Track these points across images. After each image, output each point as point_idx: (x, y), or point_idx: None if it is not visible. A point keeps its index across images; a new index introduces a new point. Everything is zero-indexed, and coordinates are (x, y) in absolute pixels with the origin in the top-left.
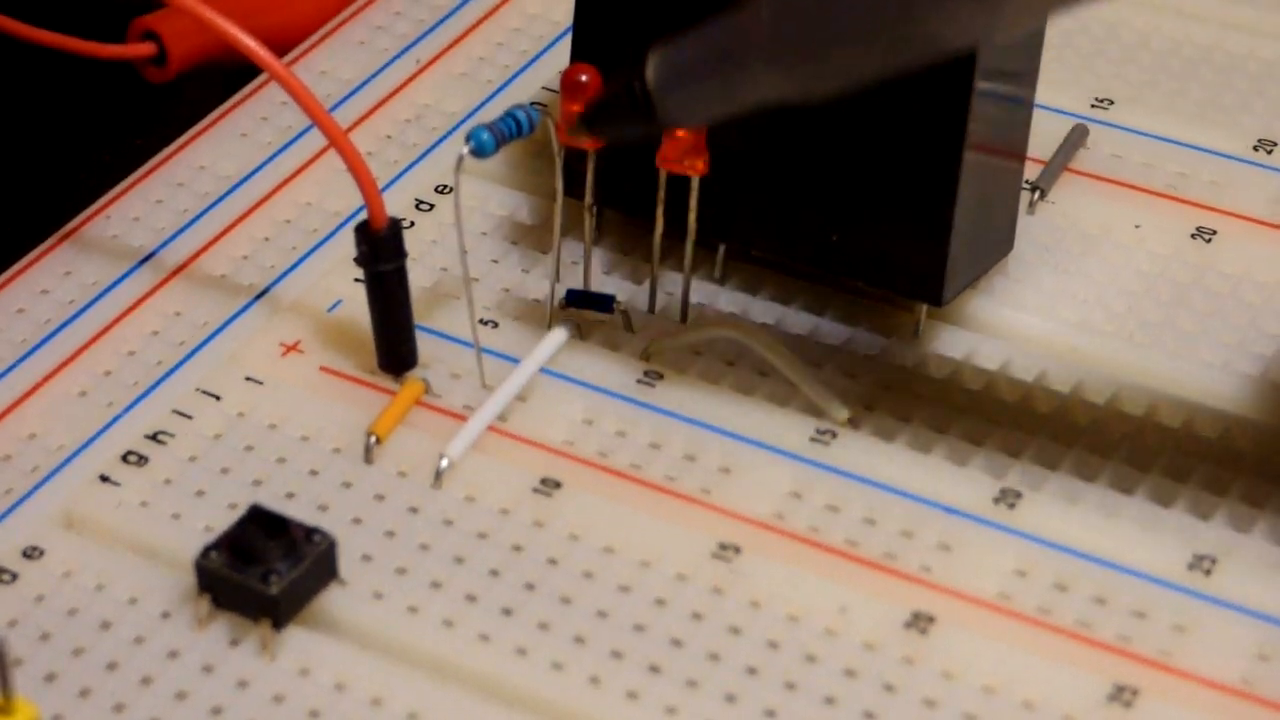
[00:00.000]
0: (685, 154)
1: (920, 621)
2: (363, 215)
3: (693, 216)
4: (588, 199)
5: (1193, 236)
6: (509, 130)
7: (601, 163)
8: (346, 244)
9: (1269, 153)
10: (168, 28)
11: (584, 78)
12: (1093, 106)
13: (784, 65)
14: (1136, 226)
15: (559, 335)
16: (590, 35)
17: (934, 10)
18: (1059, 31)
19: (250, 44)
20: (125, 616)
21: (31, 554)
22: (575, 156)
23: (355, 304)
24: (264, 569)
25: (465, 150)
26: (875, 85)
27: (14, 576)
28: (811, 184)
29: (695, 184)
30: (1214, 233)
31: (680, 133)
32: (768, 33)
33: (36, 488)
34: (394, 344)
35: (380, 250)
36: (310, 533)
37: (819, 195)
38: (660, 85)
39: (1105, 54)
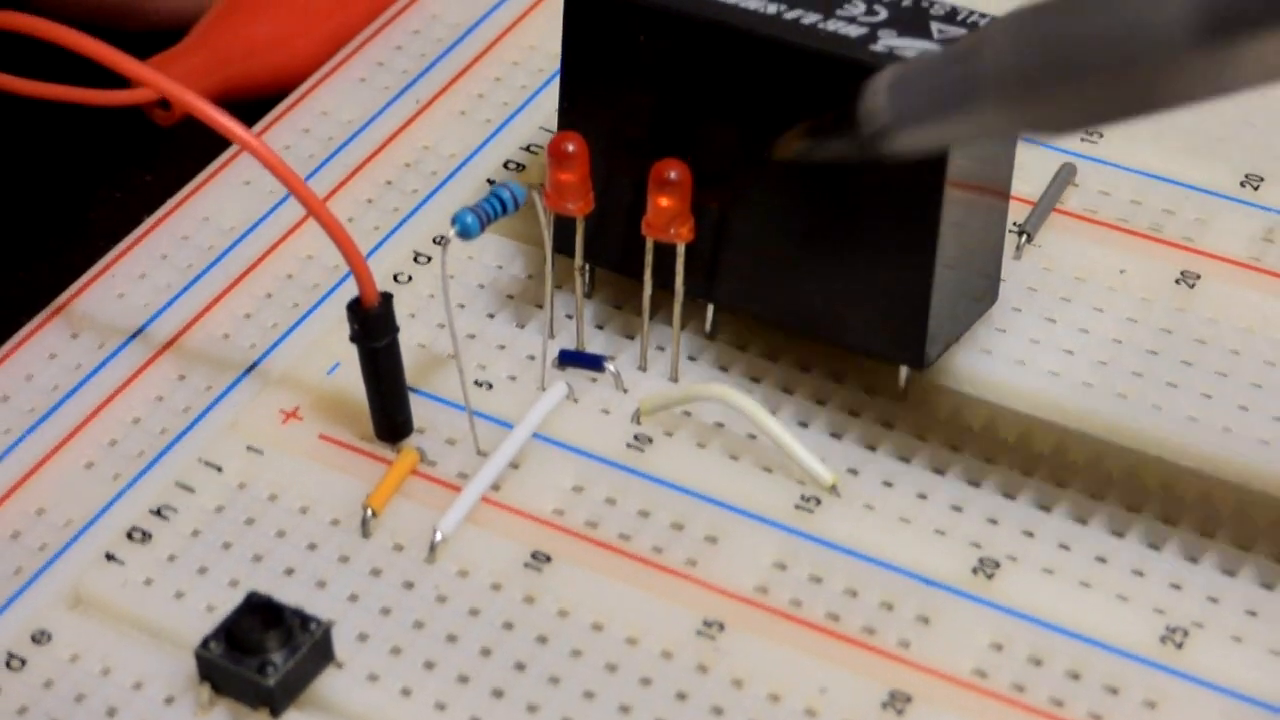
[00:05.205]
0: (671, 222)
1: (897, 701)
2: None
3: (679, 282)
4: (577, 260)
5: (1177, 282)
6: (493, 211)
7: (590, 225)
8: (344, 303)
9: (1255, 189)
10: (171, 73)
11: (570, 147)
12: (1082, 140)
13: (1017, 104)
14: (1121, 272)
15: (550, 400)
16: (578, 98)
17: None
18: None
19: (226, 122)
20: (130, 702)
21: (40, 639)
22: (565, 217)
23: (352, 367)
24: (261, 659)
25: (451, 234)
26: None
27: (23, 662)
28: (792, 250)
29: (681, 250)
30: (1198, 277)
31: (665, 202)
32: (1001, 73)
33: (45, 567)
34: (389, 415)
35: (372, 328)
36: (306, 621)
37: (799, 261)
38: (894, 119)
39: None
